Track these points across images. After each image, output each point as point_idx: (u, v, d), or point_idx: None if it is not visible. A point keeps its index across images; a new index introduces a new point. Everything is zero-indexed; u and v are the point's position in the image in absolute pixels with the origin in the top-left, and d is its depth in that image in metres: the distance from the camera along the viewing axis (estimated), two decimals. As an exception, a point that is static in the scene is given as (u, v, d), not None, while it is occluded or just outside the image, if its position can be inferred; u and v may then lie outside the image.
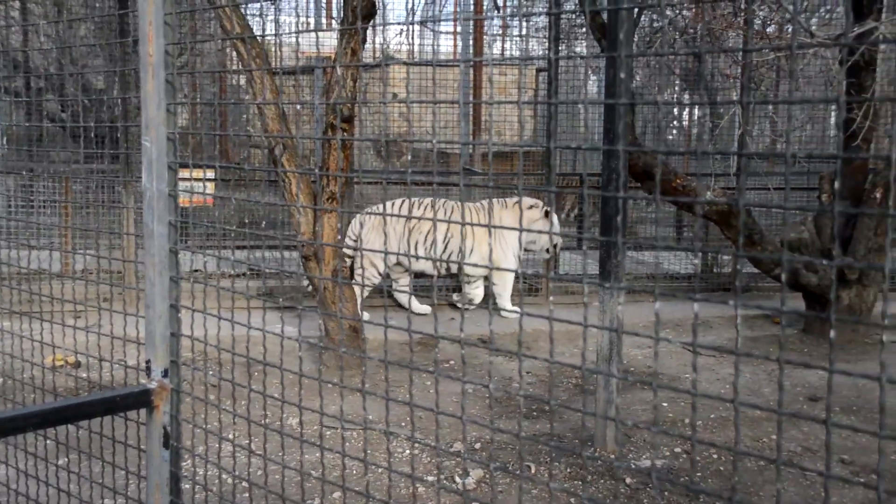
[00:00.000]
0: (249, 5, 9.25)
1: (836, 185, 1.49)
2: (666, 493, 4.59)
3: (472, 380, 1.82)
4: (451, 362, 6.97)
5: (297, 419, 5.19)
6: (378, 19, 6.29)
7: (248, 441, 2.53)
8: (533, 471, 4.84)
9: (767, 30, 7.91)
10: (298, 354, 2.36)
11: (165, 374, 2.42)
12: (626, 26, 4.58)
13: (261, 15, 9.73)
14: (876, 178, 7.09)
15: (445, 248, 8.33)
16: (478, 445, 5.20)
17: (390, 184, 9.62)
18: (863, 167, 7.22)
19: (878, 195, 6.92)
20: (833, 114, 11.43)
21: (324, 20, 12.47)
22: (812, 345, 7.53)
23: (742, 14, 6.57)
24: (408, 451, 5.06)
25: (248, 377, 2.36)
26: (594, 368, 5.60)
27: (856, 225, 7.24)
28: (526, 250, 8.72)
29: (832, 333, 1.42)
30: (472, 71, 11.29)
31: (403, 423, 5.42)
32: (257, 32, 9.35)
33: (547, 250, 8.57)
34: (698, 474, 4.88)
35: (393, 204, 8.28)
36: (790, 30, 6.53)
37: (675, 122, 14.58)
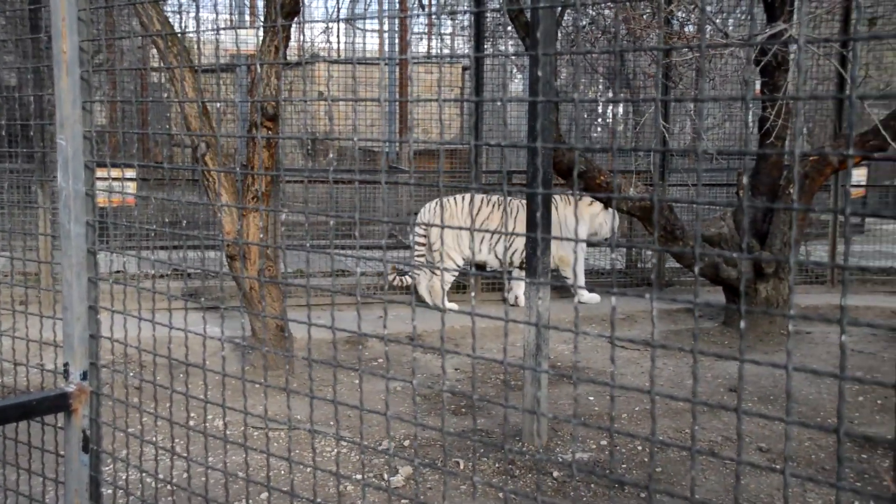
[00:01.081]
0: (169, 1, 9.09)
1: (745, 180, 1.54)
2: (592, 486, 4.66)
3: (396, 376, 1.83)
4: (380, 360, 6.97)
5: (224, 420, 5.12)
6: (304, 17, 6.24)
7: (171, 443, 2.49)
8: (461, 466, 4.87)
9: (686, 30, 8.09)
10: (222, 355, 2.34)
11: (84, 376, 2.38)
12: (543, 25, 4.63)
13: (179, 12, 9.57)
14: (790, 175, 7.30)
15: (512, 243, 8.82)
16: (407, 443, 5.21)
17: (313, 182, 9.57)
18: (778, 164, 7.43)
19: (792, 191, 7.12)
20: (750, 112, 11.72)
21: (247, 17, 12.33)
22: (732, 337, 7.72)
23: (661, 14, 6.70)
24: (336, 450, 5.04)
25: (171, 379, 2.33)
26: (516, 363, 5.66)
27: (772, 220, 7.45)
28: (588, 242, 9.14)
29: (742, 324, 1.47)
30: (397, 69, 11.29)
31: (332, 422, 5.40)
32: (178, 29, 9.20)
33: (606, 239, 9.09)
34: (624, 465, 4.97)
35: (463, 198, 8.84)
36: (708, 30, 6.68)
37: (599, 121, 14.79)
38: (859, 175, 10.12)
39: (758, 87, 7.34)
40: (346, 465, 4.91)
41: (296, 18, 5.92)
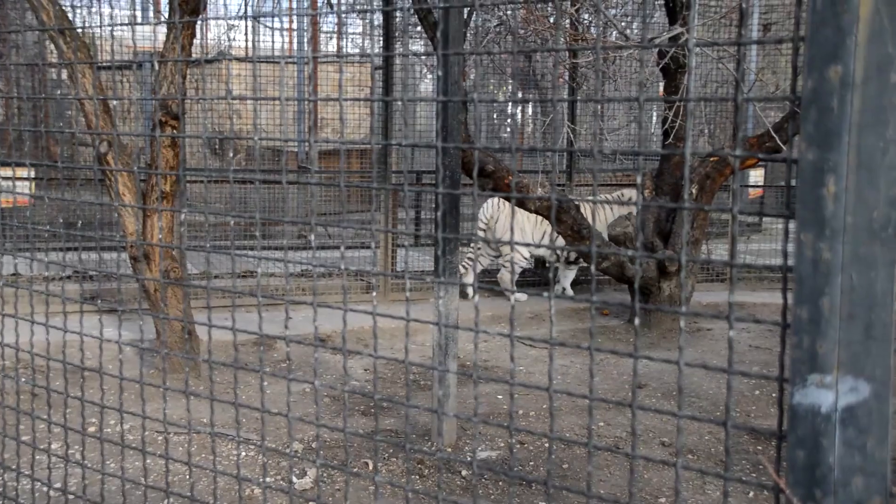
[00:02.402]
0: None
1: (638, 180, 1.57)
2: (501, 483, 4.70)
3: (298, 377, 1.81)
4: (288, 362, 6.89)
5: (122, 426, 4.99)
6: (210, 13, 6.13)
7: (66, 451, 2.42)
8: (370, 467, 4.86)
9: (591, 31, 8.23)
10: (120, 358, 2.28)
11: (-28, 383, 2.28)
12: (444, 26, 4.65)
13: (72, 6, 9.29)
14: (692, 175, 7.50)
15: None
16: (315, 444, 5.17)
17: (219, 182, 9.43)
18: (680, 164, 7.62)
19: (693, 191, 7.32)
20: (654, 114, 12.01)
21: (151, 14, 12.05)
22: (638, 334, 7.88)
23: (560, 16, 6.80)
24: (242, 454, 4.96)
25: (66, 384, 2.26)
26: (418, 363, 5.68)
27: (675, 219, 7.64)
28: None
29: (636, 321, 1.50)
30: (306, 69, 11.19)
31: (237, 425, 5.32)
32: (78, 25, 8.92)
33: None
34: (531, 463, 5.03)
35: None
36: (613, 34, 6.82)
37: (508, 121, 14.94)
38: (757, 176, 10.46)
39: (661, 88, 7.52)
40: (254, 468, 4.84)
41: (201, 15, 5.81)
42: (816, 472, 1.19)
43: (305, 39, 11.11)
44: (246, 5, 10.61)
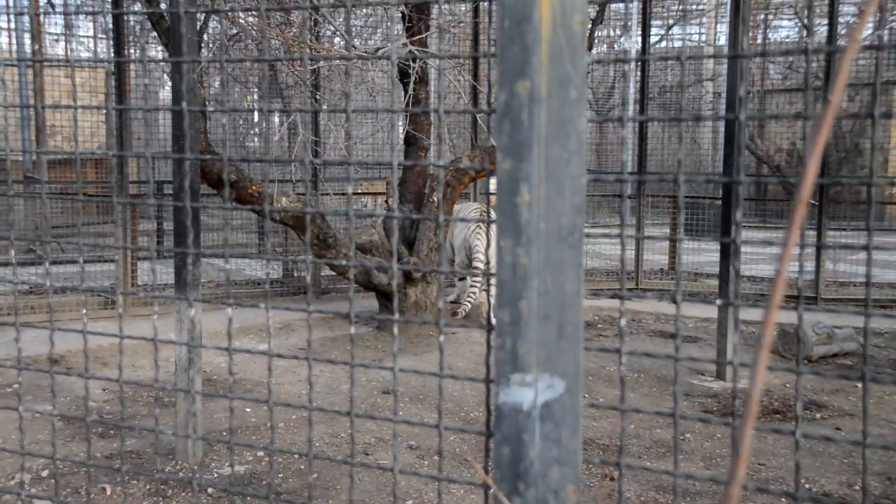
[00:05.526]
0: None
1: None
2: (248, 498, 4.60)
3: (2, 405, 1.67)
4: (15, 386, 6.39)
5: None
6: None
7: None
8: (109, 492, 4.60)
9: (336, 42, 8.29)
10: None
11: None
12: (175, 32, 4.52)
13: None
14: (433, 183, 7.73)
15: None
16: (45, 473, 4.83)
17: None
18: (423, 172, 7.84)
19: (435, 199, 7.54)
20: (401, 124, 12.27)
21: None
22: (385, 340, 8.00)
23: (310, 28, 6.80)
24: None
25: None
26: (142, 382, 5.48)
27: (419, 226, 7.84)
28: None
29: (352, 329, 1.51)
30: (29, 72, 10.43)
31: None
32: None
33: None
34: (280, 475, 4.96)
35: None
36: (347, 44, 6.91)
37: (255, 130, 14.71)
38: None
39: (402, 98, 7.68)
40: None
41: None
42: (520, 466, 1.25)
43: (27, 40, 10.36)
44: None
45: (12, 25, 10.30)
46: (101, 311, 8.75)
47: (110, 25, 11.79)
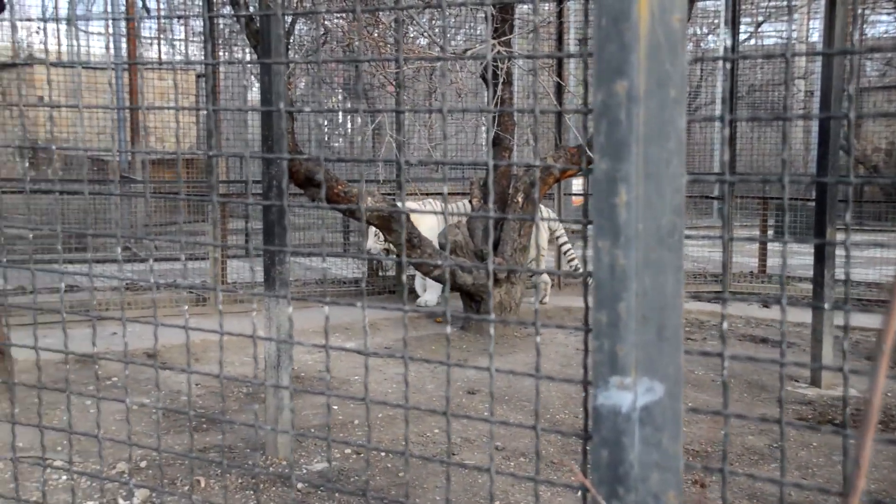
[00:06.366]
0: None
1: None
2: (337, 495, 4.67)
3: (109, 397, 1.73)
4: (115, 379, 6.61)
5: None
6: (16, 14, 5.80)
7: None
8: (203, 484, 4.72)
9: (420, 43, 8.33)
10: None
11: None
12: (264, 34, 4.60)
13: None
14: (518, 184, 7.70)
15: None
16: (143, 464, 4.97)
17: (36, 192, 8.93)
18: (506, 173, 7.81)
19: (520, 199, 7.52)
20: (484, 125, 12.28)
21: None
22: (470, 341, 8.00)
23: (390, 29, 6.86)
24: (63, 478, 4.72)
25: None
26: (244, 379, 5.58)
27: (503, 226, 7.82)
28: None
29: (448, 329, 1.52)
30: (126, 75, 10.77)
31: (59, 448, 5.06)
32: None
33: None
34: (368, 472, 5.01)
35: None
36: (440, 45, 6.92)
37: (339, 131, 14.89)
38: (579, 184, 10.87)
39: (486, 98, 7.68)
40: (77, 492, 4.60)
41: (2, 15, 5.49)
42: (619, 469, 1.23)
43: (123, 44, 10.69)
44: (56, 7, 10.10)
45: (110, 30, 10.63)
46: (193, 308, 8.97)
47: (198, 29, 12.08)
